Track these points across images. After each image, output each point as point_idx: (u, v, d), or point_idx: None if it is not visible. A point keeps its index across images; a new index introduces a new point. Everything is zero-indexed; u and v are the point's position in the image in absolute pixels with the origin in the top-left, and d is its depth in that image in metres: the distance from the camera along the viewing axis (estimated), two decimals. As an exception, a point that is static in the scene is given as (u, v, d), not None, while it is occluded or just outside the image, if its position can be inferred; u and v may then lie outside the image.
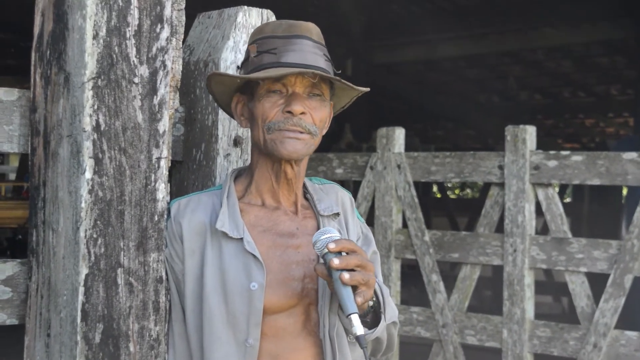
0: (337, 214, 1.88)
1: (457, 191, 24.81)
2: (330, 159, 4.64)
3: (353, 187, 8.19)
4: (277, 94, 1.77)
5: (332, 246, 1.63)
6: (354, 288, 1.64)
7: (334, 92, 1.87)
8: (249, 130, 1.90)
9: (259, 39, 1.80)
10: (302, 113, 1.76)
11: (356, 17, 10.17)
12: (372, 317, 1.80)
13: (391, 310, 1.89)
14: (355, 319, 1.61)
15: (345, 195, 1.97)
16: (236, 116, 1.87)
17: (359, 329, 1.61)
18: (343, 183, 8.62)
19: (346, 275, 1.61)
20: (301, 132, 1.76)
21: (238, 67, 2.01)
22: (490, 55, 11.15)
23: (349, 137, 10.04)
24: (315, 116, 1.79)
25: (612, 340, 3.66)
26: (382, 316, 1.81)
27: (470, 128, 16.40)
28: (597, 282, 3.97)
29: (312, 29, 1.81)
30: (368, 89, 1.88)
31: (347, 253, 1.65)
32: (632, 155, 3.69)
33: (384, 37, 10.64)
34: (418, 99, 13.20)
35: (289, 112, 1.75)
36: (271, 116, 1.76)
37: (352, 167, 4.56)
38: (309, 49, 1.77)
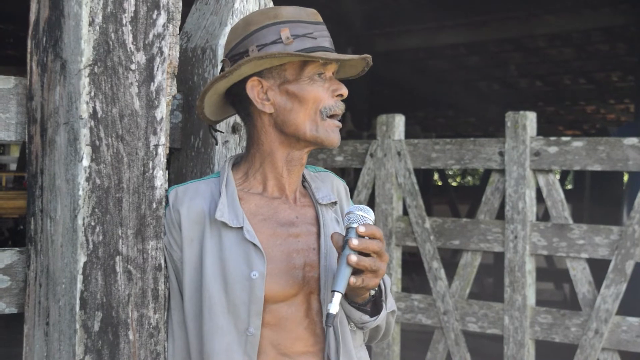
0: (335, 203, 1.88)
1: (458, 179, 24.82)
2: (331, 147, 4.62)
3: (353, 174, 8.19)
4: (321, 77, 1.79)
5: (362, 230, 1.63)
6: (359, 271, 1.64)
7: None
8: (251, 117, 1.85)
9: (285, 23, 1.76)
10: None
11: (356, 5, 10.14)
12: (372, 305, 1.80)
13: (391, 299, 1.91)
14: (337, 297, 1.61)
15: (340, 183, 1.96)
16: (255, 100, 1.79)
17: (334, 307, 1.61)
18: (343, 170, 8.64)
19: (353, 258, 1.61)
20: (340, 119, 1.82)
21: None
22: (491, 42, 11.13)
23: (349, 125, 10.03)
24: None
25: (614, 326, 3.66)
26: (384, 304, 1.81)
27: (471, 116, 16.39)
28: (599, 268, 3.96)
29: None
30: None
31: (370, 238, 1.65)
32: (632, 140, 3.67)
33: (384, 25, 10.61)
34: (419, 87, 13.18)
35: (340, 95, 1.80)
36: (324, 99, 1.78)
37: (352, 154, 4.55)
38: (329, 35, 1.82)
